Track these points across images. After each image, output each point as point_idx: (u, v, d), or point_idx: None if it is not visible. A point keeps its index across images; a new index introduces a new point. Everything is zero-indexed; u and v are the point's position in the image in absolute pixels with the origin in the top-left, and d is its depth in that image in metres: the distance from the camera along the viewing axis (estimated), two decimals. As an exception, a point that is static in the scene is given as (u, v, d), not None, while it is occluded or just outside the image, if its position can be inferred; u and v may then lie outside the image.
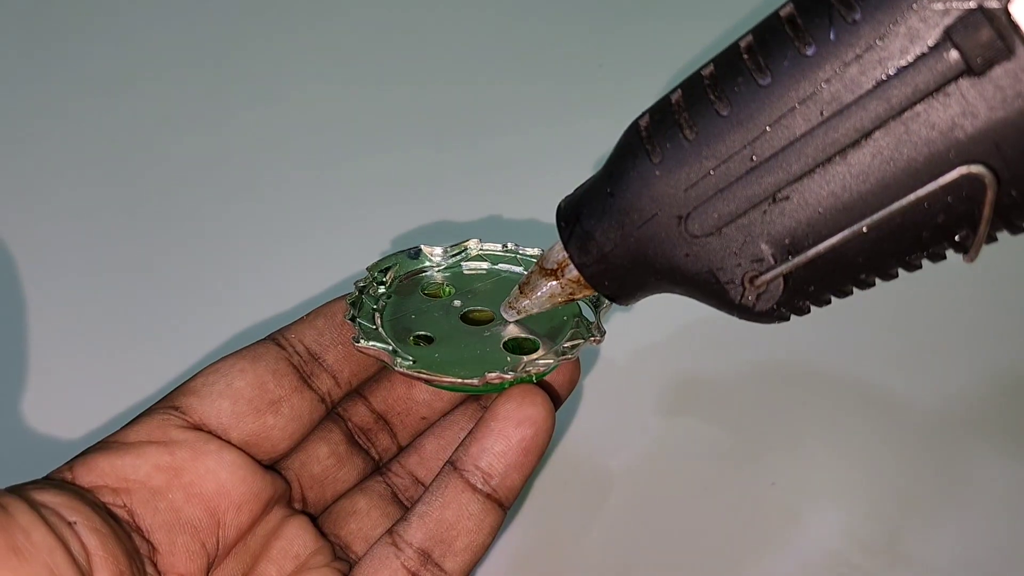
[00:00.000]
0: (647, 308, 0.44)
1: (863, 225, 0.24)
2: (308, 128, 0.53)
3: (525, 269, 0.36)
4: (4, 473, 0.29)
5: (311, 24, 0.60)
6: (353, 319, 0.32)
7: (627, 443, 0.40)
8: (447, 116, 0.54)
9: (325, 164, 0.51)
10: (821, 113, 0.23)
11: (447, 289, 0.36)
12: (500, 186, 0.50)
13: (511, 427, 0.30)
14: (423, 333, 0.33)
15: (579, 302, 0.35)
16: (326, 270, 0.44)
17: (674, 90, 0.26)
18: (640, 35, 0.58)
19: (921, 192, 0.23)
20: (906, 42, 0.22)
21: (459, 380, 0.30)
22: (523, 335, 0.33)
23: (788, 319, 0.27)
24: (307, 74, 0.56)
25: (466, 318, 0.33)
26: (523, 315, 0.32)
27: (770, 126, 0.24)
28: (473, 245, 0.37)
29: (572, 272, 0.29)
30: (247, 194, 0.50)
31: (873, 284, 0.26)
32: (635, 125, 0.27)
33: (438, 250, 0.36)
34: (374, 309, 0.34)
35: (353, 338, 0.32)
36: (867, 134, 0.23)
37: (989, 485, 0.38)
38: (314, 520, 0.33)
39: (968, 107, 0.22)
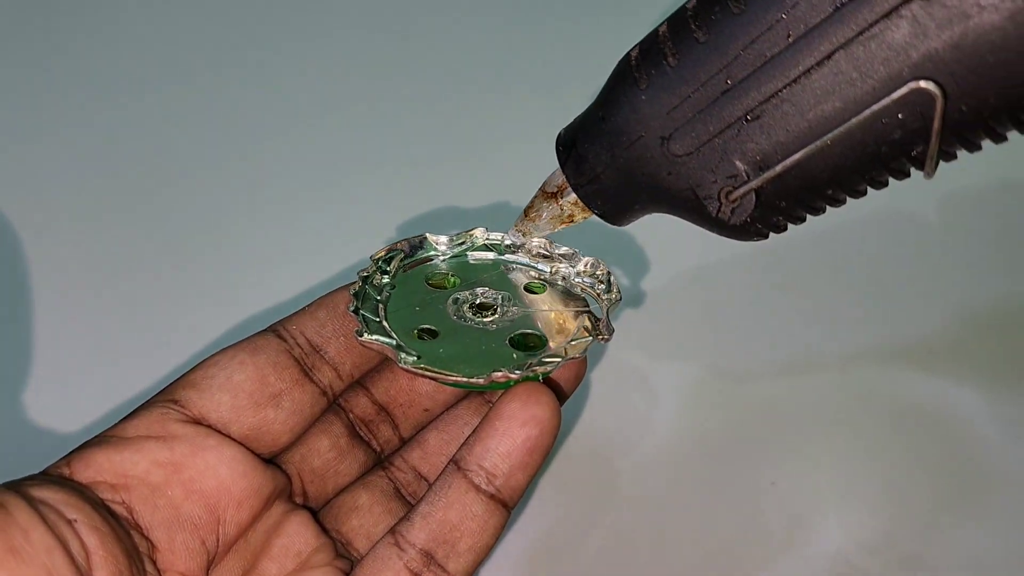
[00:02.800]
0: (651, 307, 0.45)
1: (826, 140, 0.26)
2: (310, 115, 0.53)
3: (532, 260, 0.36)
4: (1, 467, 0.29)
5: (314, 12, 0.60)
6: (356, 311, 0.32)
7: (632, 442, 0.40)
8: (453, 101, 0.54)
9: (328, 150, 0.51)
10: (788, 36, 0.26)
11: (452, 279, 0.35)
12: (508, 172, 0.50)
13: (516, 427, 0.30)
14: (427, 327, 0.33)
15: (589, 300, 0.35)
16: (328, 259, 0.44)
17: (662, 23, 0.28)
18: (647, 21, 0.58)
19: (876, 107, 0.25)
20: None
21: (464, 379, 0.30)
22: (528, 331, 0.33)
23: (766, 235, 0.29)
24: (309, 60, 0.56)
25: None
26: (528, 237, 0.35)
27: (743, 50, 0.26)
28: (479, 234, 0.36)
29: (571, 195, 0.32)
30: (247, 182, 0.50)
31: (843, 201, 0.27)
32: (626, 56, 0.29)
33: (443, 239, 0.36)
34: (377, 300, 0.34)
35: (356, 331, 0.32)
36: (829, 55, 0.25)
37: (994, 486, 0.38)
38: (315, 514, 0.33)
39: (919, 27, 0.24)
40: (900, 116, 0.25)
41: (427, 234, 0.36)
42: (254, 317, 0.42)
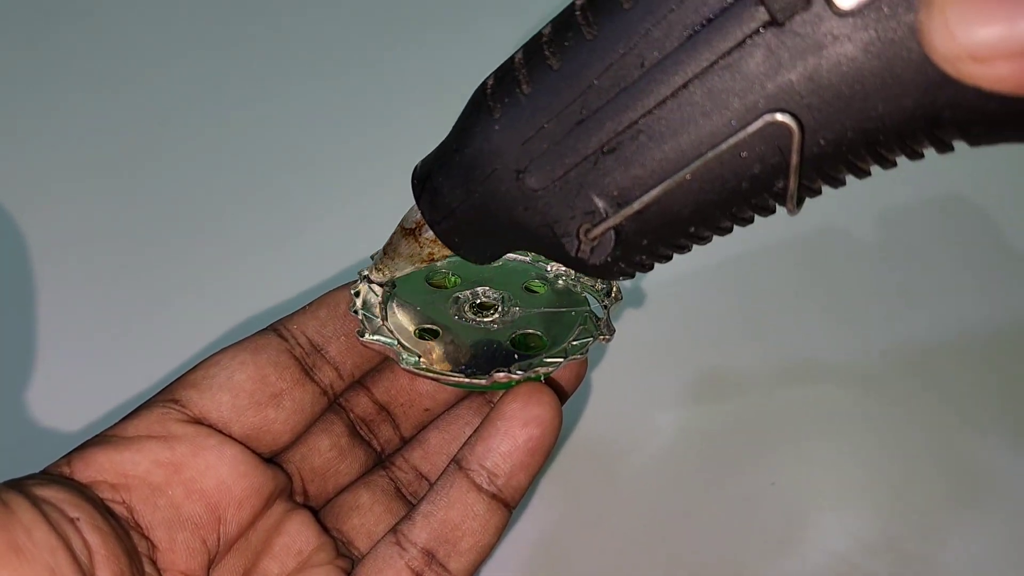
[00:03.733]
0: (652, 305, 0.45)
1: (685, 173, 0.25)
2: (311, 114, 0.53)
3: (533, 259, 0.36)
4: (1, 466, 0.29)
5: (312, 10, 0.60)
6: (357, 311, 0.33)
7: (632, 442, 0.40)
8: (455, 98, 0.54)
9: (328, 149, 0.51)
10: (642, 65, 0.24)
11: (452, 279, 0.36)
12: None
13: (517, 427, 0.30)
14: (429, 326, 0.33)
15: (589, 298, 0.35)
16: (329, 258, 0.44)
17: (518, 50, 0.27)
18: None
19: (732, 140, 0.24)
20: None
21: (466, 379, 0.31)
22: (529, 331, 0.33)
23: (632, 275, 0.28)
24: (311, 59, 0.56)
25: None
26: (388, 277, 0.33)
27: (597, 79, 0.25)
28: None
29: (428, 231, 0.30)
30: (248, 181, 0.50)
31: (707, 239, 0.26)
32: (482, 84, 0.28)
33: None
34: (378, 300, 0.34)
35: (358, 332, 0.32)
36: (684, 85, 0.24)
37: (995, 485, 0.38)
38: (316, 514, 0.33)
39: (773, 57, 0.23)
40: (758, 150, 0.24)
41: (428, 233, 0.36)
42: (255, 316, 0.42)
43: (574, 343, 0.33)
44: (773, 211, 0.25)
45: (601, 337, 0.33)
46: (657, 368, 0.42)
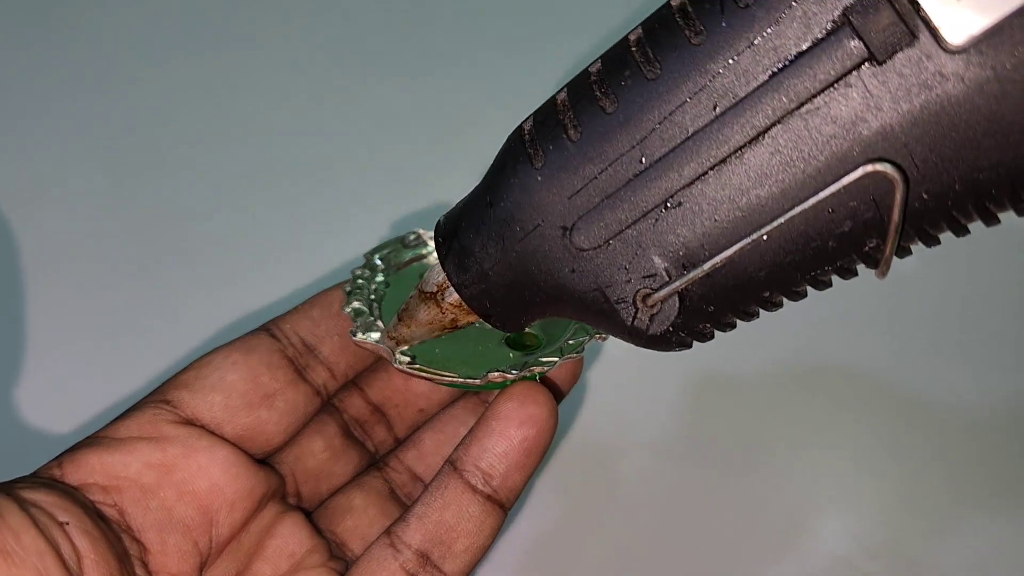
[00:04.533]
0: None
1: (763, 233, 0.22)
2: (302, 113, 0.53)
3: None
4: (-9, 469, 0.29)
5: (302, 8, 0.60)
6: (350, 310, 0.33)
7: (630, 441, 0.40)
8: (446, 97, 0.54)
9: (320, 148, 0.51)
10: (714, 108, 0.22)
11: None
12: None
13: (513, 427, 0.30)
14: None
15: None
16: (322, 257, 0.44)
17: (560, 89, 0.25)
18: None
19: (823, 195, 0.21)
20: (802, 28, 0.21)
21: (460, 379, 0.31)
22: (525, 329, 0.33)
23: (689, 345, 0.25)
24: (301, 59, 0.56)
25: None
26: (404, 346, 0.31)
27: (659, 124, 0.23)
28: None
29: (453, 295, 0.27)
30: (240, 181, 0.50)
31: (780, 304, 0.24)
32: (519, 129, 0.25)
33: None
34: (372, 299, 0.34)
35: (351, 331, 0.32)
36: (764, 131, 0.22)
37: (999, 488, 0.39)
38: (309, 515, 0.33)
39: (871, 99, 0.21)
40: (851, 205, 0.22)
41: (421, 231, 0.36)
42: (248, 316, 0.42)
43: (570, 342, 0.33)
44: (856, 274, 0.23)
45: (597, 336, 0.33)
46: (655, 367, 0.42)
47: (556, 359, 0.31)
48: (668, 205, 0.23)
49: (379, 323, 0.33)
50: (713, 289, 0.23)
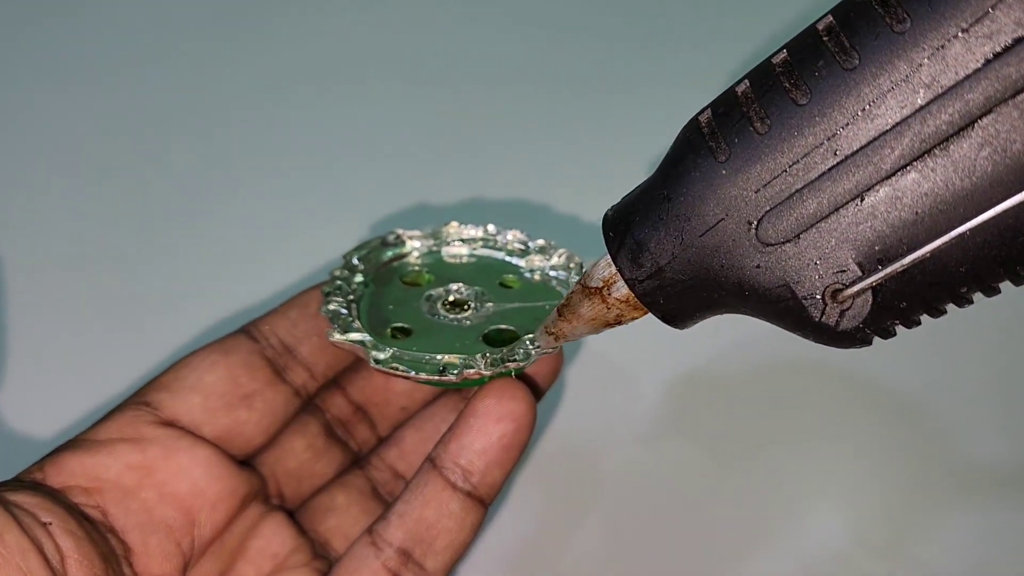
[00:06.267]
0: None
1: (967, 228, 0.22)
2: (279, 113, 0.53)
3: (506, 255, 0.37)
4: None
5: (283, 7, 0.60)
6: (328, 311, 0.33)
7: (613, 437, 0.40)
8: (424, 98, 0.54)
9: (297, 149, 0.51)
10: (919, 98, 0.21)
11: (426, 276, 0.36)
12: (480, 167, 0.50)
13: (491, 424, 0.30)
14: (401, 325, 0.33)
15: (562, 292, 0.35)
16: (301, 258, 0.44)
17: (739, 81, 0.24)
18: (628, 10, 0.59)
19: None
20: (1021, 12, 0.20)
21: (436, 377, 0.31)
22: (503, 326, 0.33)
23: (870, 343, 0.24)
24: (279, 60, 0.56)
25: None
26: (562, 342, 0.30)
27: (857, 115, 0.22)
28: (453, 229, 0.37)
29: (620, 290, 0.27)
30: (218, 182, 0.50)
31: (971, 301, 0.23)
32: (694, 121, 0.25)
33: (417, 235, 0.37)
34: (350, 299, 0.34)
35: (327, 332, 0.32)
36: (974, 121, 0.21)
37: (996, 484, 0.39)
38: (292, 515, 0.34)
39: None
40: None
41: (400, 231, 0.37)
42: (227, 319, 0.43)
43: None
44: None
45: None
46: (637, 364, 0.43)
47: (532, 355, 0.31)
48: (864, 199, 0.23)
49: (356, 323, 0.33)
50: (909, 285, 0.23)
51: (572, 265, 0.36)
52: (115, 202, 0.49)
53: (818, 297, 0.24)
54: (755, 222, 0.24)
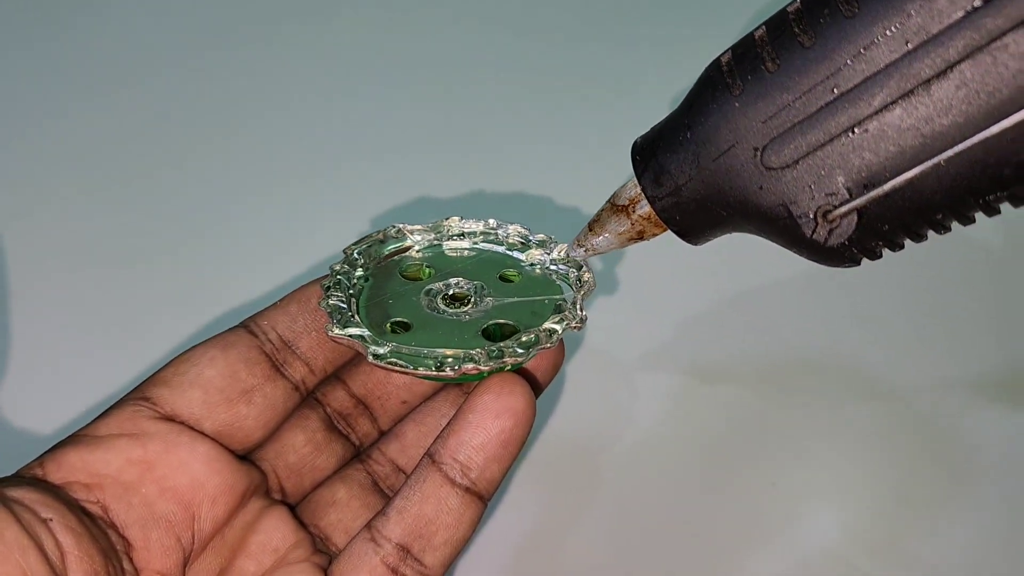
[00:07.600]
0: (635, 294, 0.45)
1: (942, 158, 0.25)
2: (279, 111, 0.53)
3: (508, 248, 0.37)
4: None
5: (284, 7, 0.60)
6: (327, 305, 0.33)
7: (612, 433, 0.40)
8: (425, 93, 0.54)
9: (297, 145, 0.51)
10: (906, 44, 0.24)
11: (426, 271, 0.36)
12: (481, 161, 0.50)
13: (489, 419, 0.30)
14: (400, 319, 0.33)
15: (562, 287, 0.35)
16: (301, 253, 0.45)
17: (758, 27, 0.27)
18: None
19: (1005, 124, 0.24)
20: None
21: (435, 371, 0.31)
22: (502, 321, 0.34)
23: (859, 262, 0.28)
24: (279, 58, 0.56)
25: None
26: (591, 254, 0.33)
27: (854, 57, 0.25)
28: (454, 223, 0.37)
29: (643, 208, 0.31)
30: (218, 179, 0.50)
31: (948, 228, 0.26)
32: (716, 61, 0.28)
33: (417, 229, 0.37)
34: (350, 294, 0.34)
35: (326, 327, 0.32)
36: (953, 65, 0.24)
37: (993, 484, 0.39)
38: (293, 509, 0.34)
39: None
40: None
41: (400, 225, 0.37)
42: (227, 314, 0.43)
43: (546, 329, 0.33)
44: None
45: (572, 325, 0.33)
46: (637, 359, 0.43)
47: (531, 349, 0.32)
48: (856, 131, 0.26)
49: (355, 318, 0.33)
50: (890, 209, 0.26)
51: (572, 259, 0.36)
52: (115, 198, 0.49)
53: (811, 216, 0.27)
54: (761, 149, 0.27)
